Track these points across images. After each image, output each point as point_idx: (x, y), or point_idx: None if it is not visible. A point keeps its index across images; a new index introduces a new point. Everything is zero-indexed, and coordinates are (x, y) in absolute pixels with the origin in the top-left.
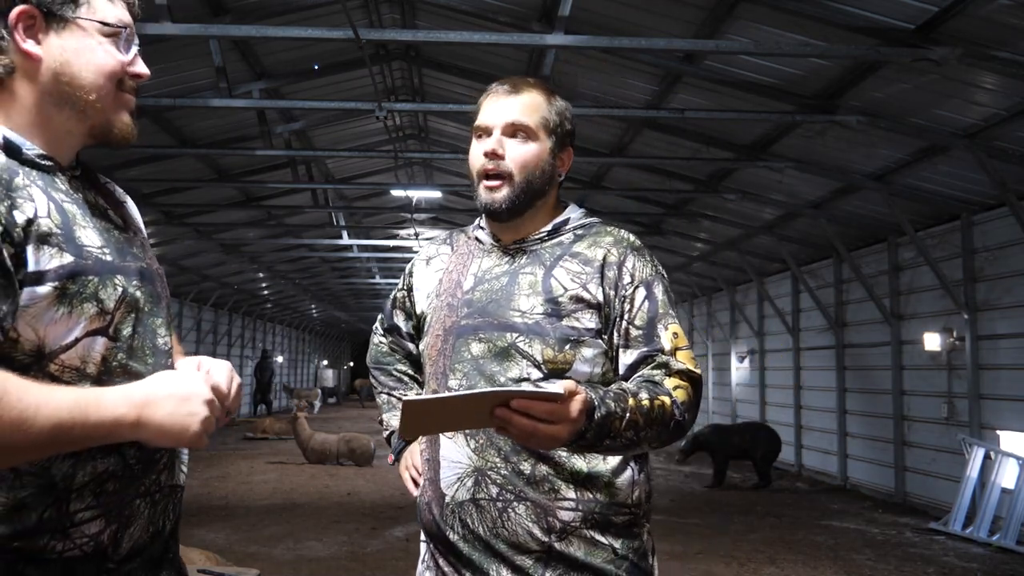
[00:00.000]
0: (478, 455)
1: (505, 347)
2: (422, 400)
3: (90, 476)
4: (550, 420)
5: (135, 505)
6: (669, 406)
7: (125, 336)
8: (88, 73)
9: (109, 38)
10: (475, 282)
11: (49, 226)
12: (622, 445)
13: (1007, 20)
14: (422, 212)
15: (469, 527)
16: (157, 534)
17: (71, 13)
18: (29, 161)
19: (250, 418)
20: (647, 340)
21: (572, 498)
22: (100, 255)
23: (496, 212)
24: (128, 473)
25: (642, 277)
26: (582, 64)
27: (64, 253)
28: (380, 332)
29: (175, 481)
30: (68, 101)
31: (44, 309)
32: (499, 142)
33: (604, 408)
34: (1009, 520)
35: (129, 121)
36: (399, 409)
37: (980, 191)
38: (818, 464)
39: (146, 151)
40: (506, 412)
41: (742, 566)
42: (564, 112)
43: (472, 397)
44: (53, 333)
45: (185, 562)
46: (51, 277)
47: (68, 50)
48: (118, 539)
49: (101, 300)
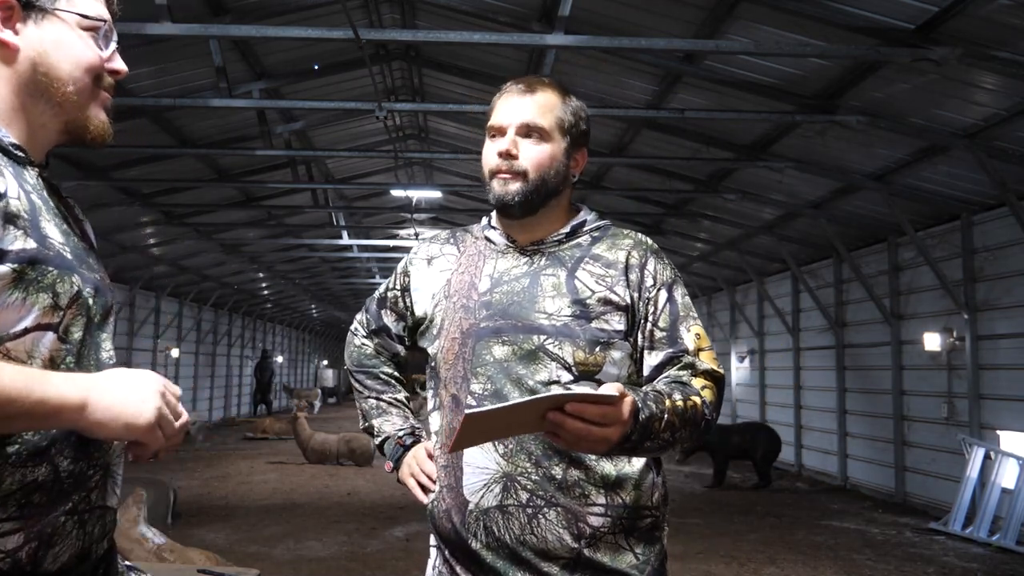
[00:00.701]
0: (507, 460)
1: (533, 349)
2: (483, 412)
3: (18, 485)
4: (602, 423)
5: (60, 523)
6: (700, 406)
7: (74, 340)
8: (66, 65)
9: (88, 32)
10: (492, 284)
11: (17, 207)
12: (659, 446)
13: (1007, 20)
14: (422, 212)
15: (494, 534)
16: (85, 557)
17: (50, 4)
18: (2, 148)
19: (250, 418)
20: (671, 341)
21: (602, 503)
22: (61, 250)
23: (509, 206)
24: (58, 487)
25: (663, 279)
26: (582, 64)
27: (28, 238)
28: (363, 334)
29: (105, 502)
30: (44, 93)
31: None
32: (513, 142)
33: (647, 410)
34: (1009, 520)
35: (105, 119)
36: (392, 414)
37: (980, 191)
38: (818, 464)
39: (146, 151)
40: (559, 416)
41: (742, 566)
42: (579, 112)
43: (530, 404)
44: (3, 318)
45: (185, 562)
46: (12, 259)
47: (46, 41)
48: (38, 557)
49: (57, 294)
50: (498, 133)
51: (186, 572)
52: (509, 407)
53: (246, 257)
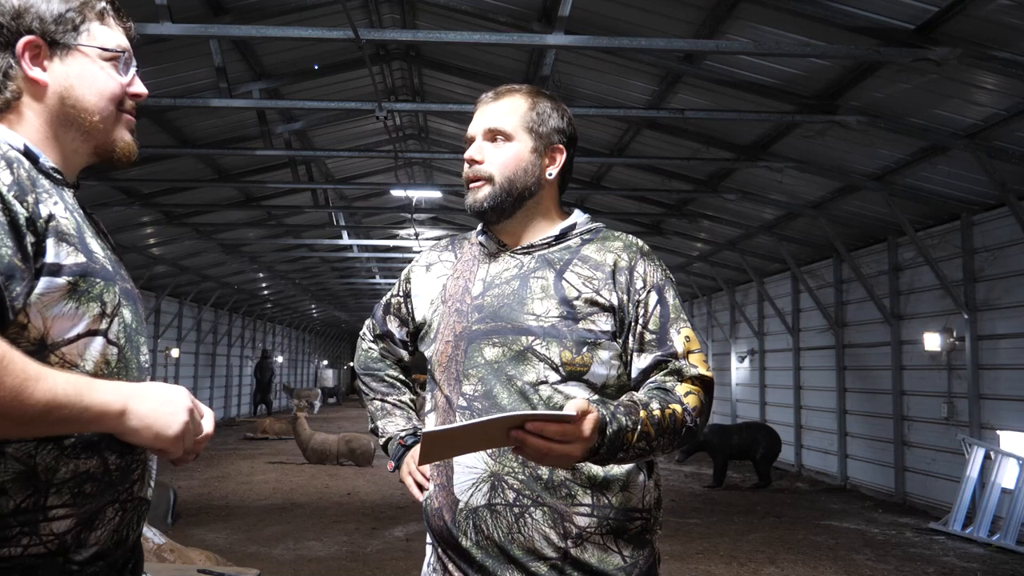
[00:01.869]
0: (495, 460)
1: (522, 350)
2: (440, 431)
3: (71, 474)
4: (563, 440)
5: (106, 511)
6: (680, 413)
7: (121, 343)
8: (91, 96)
9: (109, 62)
10: (484, 287)
11: (67, 226)
12: (636, 455)
13: (1007, 20)
14: (422, 212)
15: (484, 532)
16: (122, 542)
17: (73, 41)
18: (44, 171)
19: (250, 418)
20: (660, 344)
21: (588, 503)
22: (105, 263)
23: (480, 212)
24: (107, 478)
25: (653, 282)
26: (582, 64)
27: (79, 253)
28: (369, 338)
29: (144, 495)
30: (73, 123)
31: (55, 300)
32: (478, 148)
33: (616, 424)
34: (1009, 520)
35: (130, 140)
36: (395, 415)
37: (980, 191)
38: (818, 464)
39: (146, 151)
40: (521, 434)
41: (742, 566)
42: (547, 111)
43: (487, 424)
44: (59, 325)
45: (185, 562)
46: (68, 272)
47: (71, 75)
48: (81, 539)
49: (104, 302)
50: (469, 142)
51: (186, 572)
52: (467, 426)
53: (246, 257)
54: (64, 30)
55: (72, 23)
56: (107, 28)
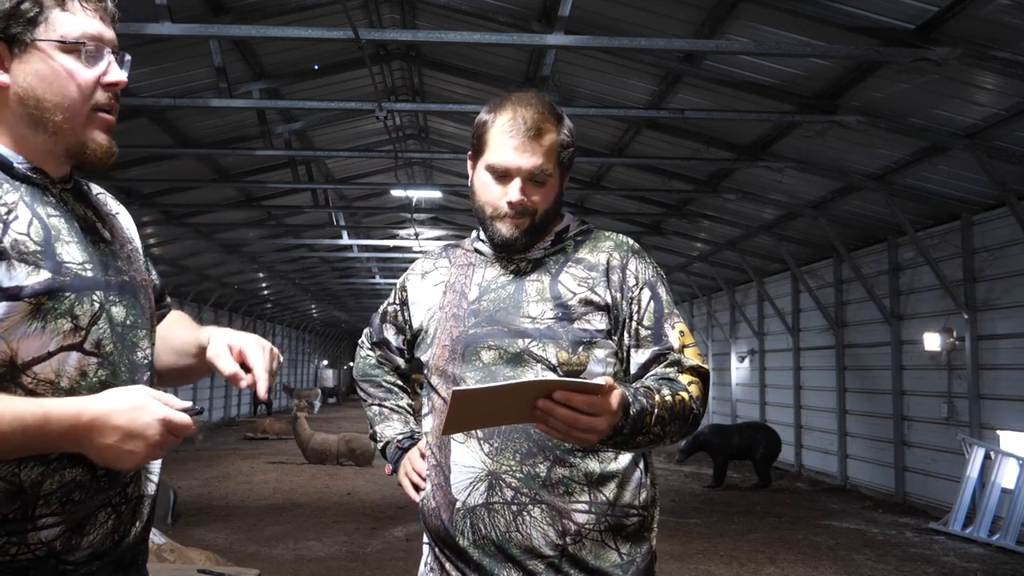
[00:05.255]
0: (492, 459)
1: (518, 352)
2: (472, 390)
3: (58, 484)
4: (591, 412)
5: (98, 516)
6: (688, 401)
7: (106, 351)
8: (51, 95)
9: (70, 54)
10: (480, 292)
11: (27, 243)
12: (650, 440)
13: (1007, 20)
14: (422, 212)
15: (481, 532)
16: (122, 540)
17: (29, 36)
18: (21, 175)
19: (250, 418)
20: (656, 339)
21: (585, 500)
22: (80, 271)
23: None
24: (95, 484)
25: (645, 278)
26: (582, 64)
27: (41, 270)
28: (367, 346)
29: (141, 492)
30: (39, 124)
31: (18, 323)
32: (523, 190)
33: (638, 404)
34: (1009, 520)
35: (104, 141)
36: (392, 420)
37: (980, 191)
38: (818, 464)
39: (146, 151)
40: (548, 403)
41: (742, 566)
42: (567, 137)
43: (518, 387)
44: (26, 346)
45: (185, 562)
46: (28, 292)
47: (30, 74)
48: (73, 544)
49: (76, 316)
50: (504, 176)
51: (186, 572)
52: (498, 387)
53: (246, 257)
54: (19, 25)
55: (26, 16)
56: (69, 14)
